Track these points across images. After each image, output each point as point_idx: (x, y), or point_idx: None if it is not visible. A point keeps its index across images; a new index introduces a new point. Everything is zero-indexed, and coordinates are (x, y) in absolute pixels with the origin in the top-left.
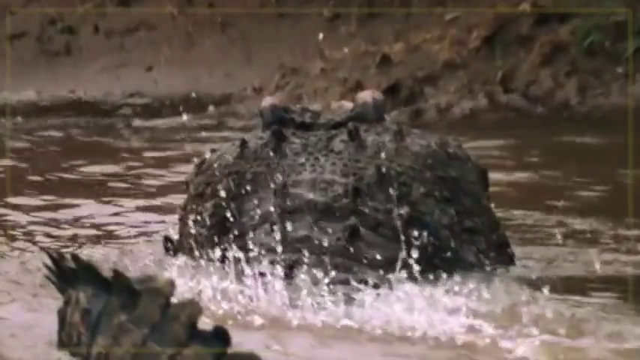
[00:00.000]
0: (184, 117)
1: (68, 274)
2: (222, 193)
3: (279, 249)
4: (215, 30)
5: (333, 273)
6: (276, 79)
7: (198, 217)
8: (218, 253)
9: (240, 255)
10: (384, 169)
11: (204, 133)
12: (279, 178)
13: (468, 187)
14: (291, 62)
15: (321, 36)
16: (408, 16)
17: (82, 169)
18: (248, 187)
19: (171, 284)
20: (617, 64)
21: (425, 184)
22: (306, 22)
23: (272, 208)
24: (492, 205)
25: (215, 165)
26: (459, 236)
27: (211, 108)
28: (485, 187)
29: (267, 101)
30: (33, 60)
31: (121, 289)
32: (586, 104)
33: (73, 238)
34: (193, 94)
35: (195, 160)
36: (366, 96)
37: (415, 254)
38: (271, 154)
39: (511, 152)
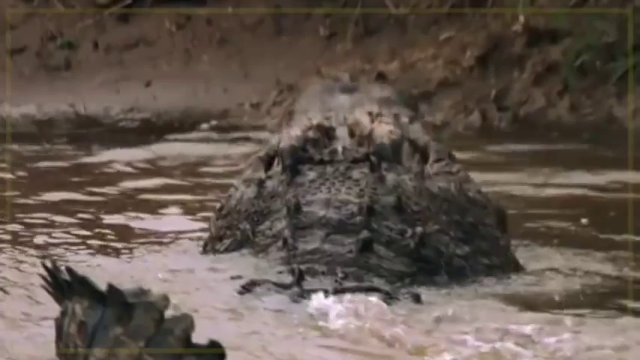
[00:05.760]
0: (203, 126)
1: (64, 285)
2: (240, 233)
3: (289, 260)
4: (213, 46)
5: (343, 282)
6: (273, 96)
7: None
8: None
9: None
10: (401, 198)
11: (207, 145)
12: (293, 199)
13: (485, 229)
14: (288, 79)
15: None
16: (403, 36)
17: (88, 182)
18: (263, 215)
19: (165, 298)
20: (607, 83)
21: (440, 223)
22: (303, 39)
23: (284, 225)
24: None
25: (235, 209)
26: (475, 268)
27: (205, 125)
28: (504, 229)
29: (285, 142)
30: (33, 74)
31: (115, 302)
32: (578, 122)
33: (84, 247)
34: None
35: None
36: (384, 137)
37: (425, 271)
38: (286, 187)
39: (508, 167)
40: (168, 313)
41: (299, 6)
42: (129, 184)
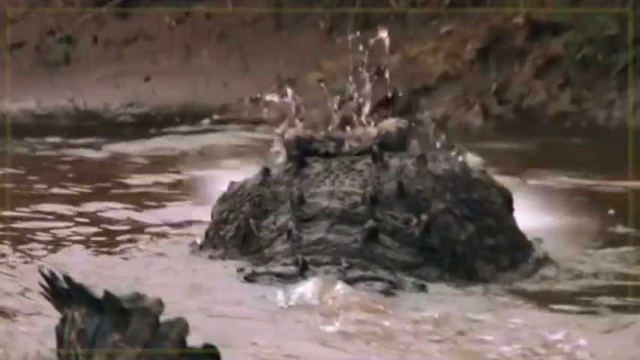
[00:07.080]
0: (204, 121)
1: (62, 293)
2: (244, 215)
3: (294, 252)
4: (212, 41)
5: (347, 272)
6: (273, 90)
7: (220, 240)
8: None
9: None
10: (404, 184)
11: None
12: (297, 191)
13: (491, 207)
14: (288, 73)
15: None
16: (404, 29)
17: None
18: (268, 206)
19: (160, 303)
20: (609, 76)
21: (444, 202)
22: (302, 33)
23: (288, 217)
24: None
25: (238, 193)
26: (478, 252)
27: (205, 120)
28: (510, 210)
29: (290, 133)
30: (32, 69)
31: (112, 308)
32: (579, 116)
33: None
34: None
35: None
36: (390, 126)
37: (431, 262)
38: (292, 177)
39: (509, 160)
40: (163, 317)
41: (299, 5)
42: (129, 179)
